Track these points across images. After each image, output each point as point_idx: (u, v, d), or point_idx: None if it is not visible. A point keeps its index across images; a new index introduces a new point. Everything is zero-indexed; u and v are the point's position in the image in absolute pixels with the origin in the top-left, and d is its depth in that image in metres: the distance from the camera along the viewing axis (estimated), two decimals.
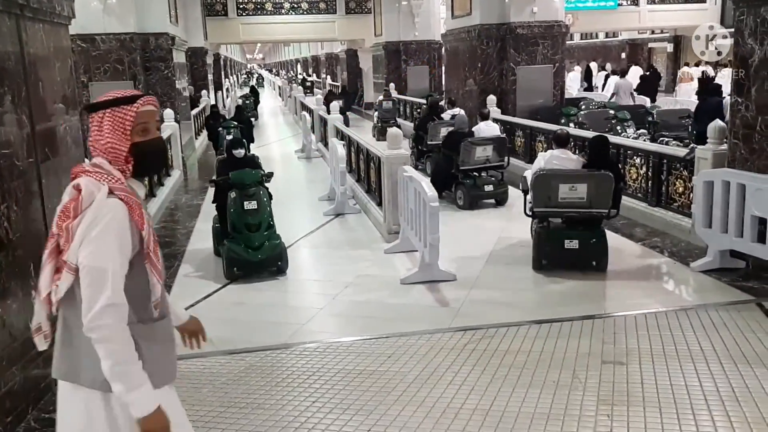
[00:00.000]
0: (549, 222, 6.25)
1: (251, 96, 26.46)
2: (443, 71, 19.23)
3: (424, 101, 14.46)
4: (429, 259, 5.79)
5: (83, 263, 1.88)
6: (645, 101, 15.81)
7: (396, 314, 5.25)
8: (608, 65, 25.99)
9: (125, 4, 12.02)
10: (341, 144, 9.46)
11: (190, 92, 17.65)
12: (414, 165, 7.95)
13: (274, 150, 16.47)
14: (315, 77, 43.41)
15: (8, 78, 3.81)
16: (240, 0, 23.88)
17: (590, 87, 23.57)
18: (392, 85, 19.95)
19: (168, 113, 11.98)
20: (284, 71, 65.62)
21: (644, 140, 10.16)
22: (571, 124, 11.67)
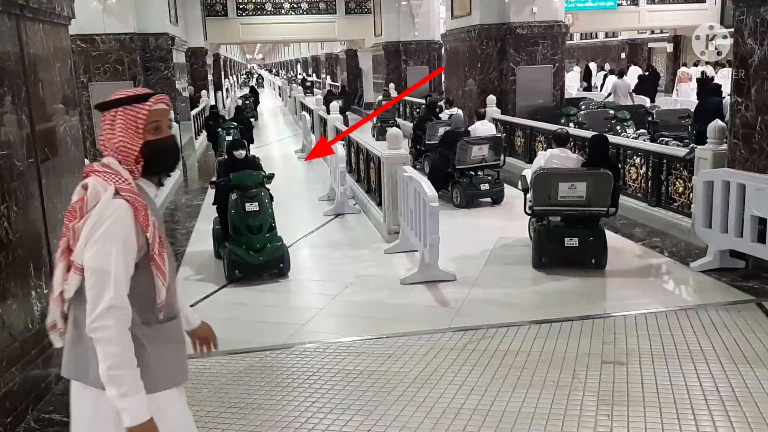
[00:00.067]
0: (549, 220, 6.27)
1: (251, 96, 26.47)
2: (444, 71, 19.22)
3: (424, 101, 14.46)
4: (429, 259, 5.78)
5: (87, 264, 1.88)
6: (645, 101, 15.79)
7: (396, 314, 5.25)
8: (606, 65, 25.99)
9: (125, 5, 12.02)
10: (341, 144, 9.45)
11: (190, 92, 17.64)
12: (412, 164, 7.99)
13: (274, 150, 16.47)
14: (315, 77, 43.44)
15: (8, 78, 3.81)
16: (240, 0, 23.88)
17: (589, 87, 23.57)
18: (392, 85, 19.96)
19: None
20: (284, 71, 65.64)
21: (644, 140, 10.15)
22: (571, 124, 11.67)
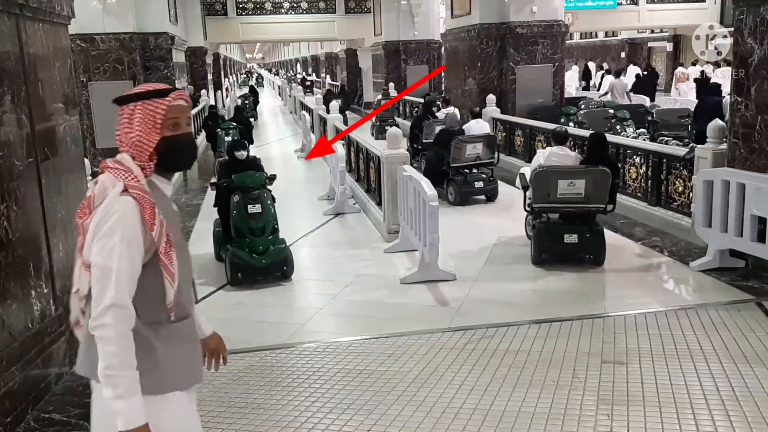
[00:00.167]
0: (548, 217, 6.31)
1: (250, 96, 26.42)
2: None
3: (423, 101, 14.47)
4: (428, 259, 5.78)
5: (93, 260, 1.86)
6: (644, 100, 15.78)
7: (395, 314, 5.24)
8: (605, 64, 26.00)
9: (125, 4, 12.01)
10: (340, 143, 9.45)
11: (190, 92, 17.63)
12: (409, 163, 8.06)
13: (274, 150, 16.46)
14: (314, 77, 43.43)
15: (8, 78, 3.81)
16: (239, 0, 23.89)
17: (588, 86, 23.59)
18: (392, 85, 19.96)
19: None
20: (284, 71, 65.63)
21: (644, 140, 10.15)
22: (571, 124, 11.67)
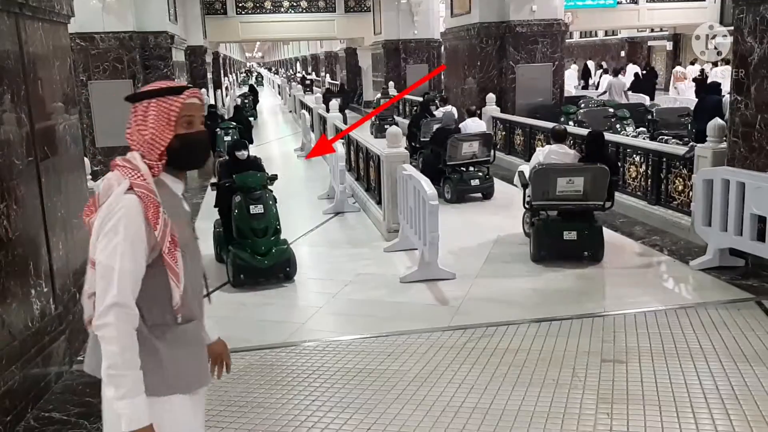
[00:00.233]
0: (548, 215, 6.34)
1: (250, 95, 26.37)
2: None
3: (422, 99, 14.48)
4: (428, 258, 5.78)
5: (97, 259, 1.85)
6: (644, 99, 15.78)
7: (395, 313, 5.25)
8: (604, 63, 25.98)
9: (124, 3, 11.99)
10: (340, 142, 9.45)
11: None
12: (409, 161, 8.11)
13: (274, 149, 16.45)
14: (314, 76, 43.41)
15: (7, 77, 3.81)
16: None
17: (587, 85, 23.58)
18: (391, 84, 19.95)
19: None
20: (283, 70, 65.60)
21: (644, 138, 10.15)
22: (571, 122, 11.67)
